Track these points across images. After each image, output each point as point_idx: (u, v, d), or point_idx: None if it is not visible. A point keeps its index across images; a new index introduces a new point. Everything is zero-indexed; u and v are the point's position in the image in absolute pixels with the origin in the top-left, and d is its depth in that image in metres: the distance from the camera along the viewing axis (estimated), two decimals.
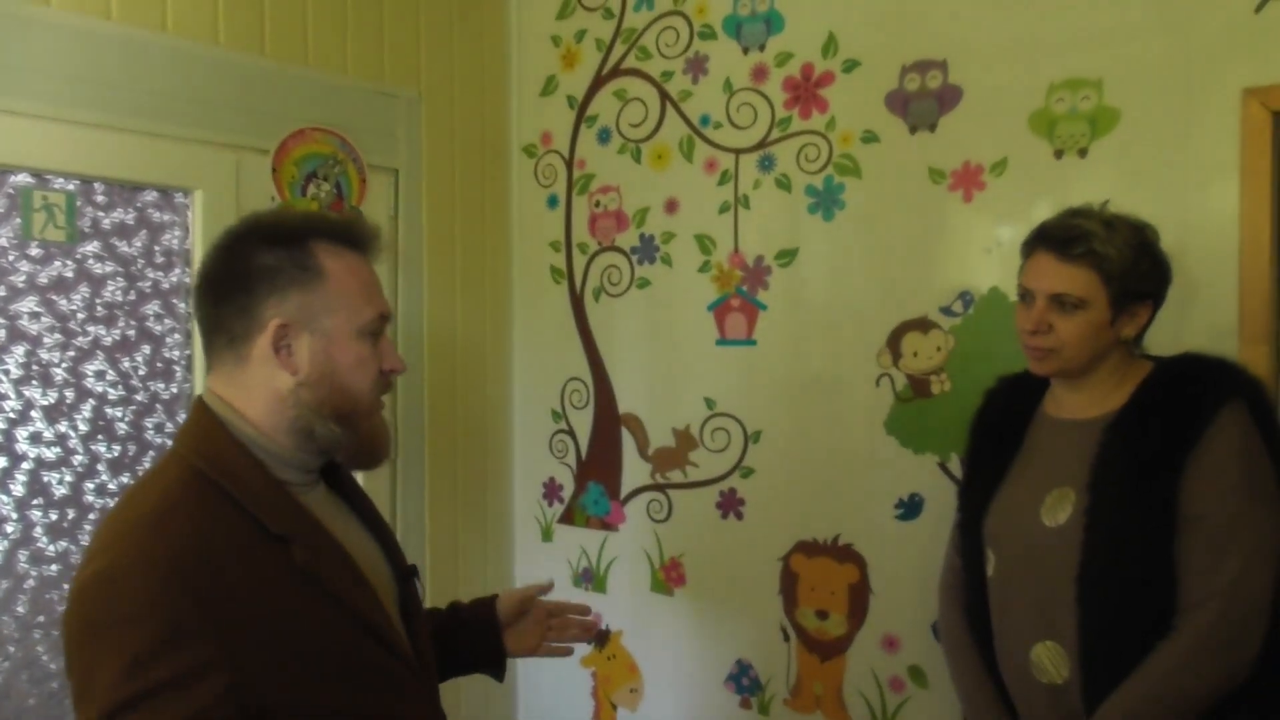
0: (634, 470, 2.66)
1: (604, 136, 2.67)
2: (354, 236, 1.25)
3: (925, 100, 2.18)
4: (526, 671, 2.88)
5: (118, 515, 1.15)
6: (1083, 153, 2.01)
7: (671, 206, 2.56)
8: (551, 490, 2.83)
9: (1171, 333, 1.91)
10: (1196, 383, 1.53)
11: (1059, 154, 2.03)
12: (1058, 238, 1.58)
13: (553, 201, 2.79)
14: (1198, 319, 1.90)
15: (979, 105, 2.12)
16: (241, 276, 1.18)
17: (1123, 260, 1.55)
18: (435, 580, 2.64)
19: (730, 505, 2.49)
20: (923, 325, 2.19)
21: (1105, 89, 1.98)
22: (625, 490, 2.67)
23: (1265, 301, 1.86)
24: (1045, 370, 1.64)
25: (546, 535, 2.83)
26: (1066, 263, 1.56)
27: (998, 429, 1.76)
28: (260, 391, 1.18)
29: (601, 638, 2.73)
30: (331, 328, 1.19)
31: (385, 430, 1.31)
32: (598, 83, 2.69)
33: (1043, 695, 1.59)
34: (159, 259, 2.07)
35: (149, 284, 2.06)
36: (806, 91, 2.33)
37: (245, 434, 1.18)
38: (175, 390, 2.10)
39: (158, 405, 2.07)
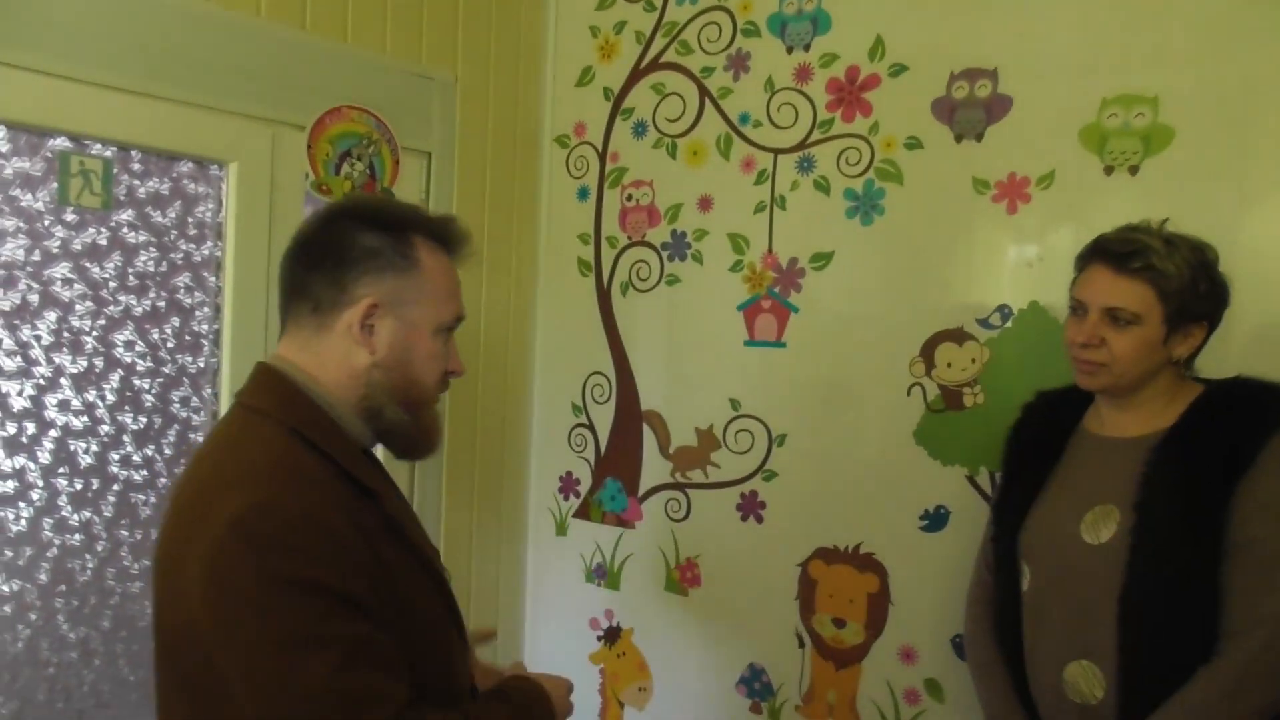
0: (654, 468, 2.64)
1: (640, 130, 2.65)
2: (450, 237, 1.31)
3: (973, 109, 2.16)
4: (534, 666, 2.85)
5: (222, 467, 1.15)
6: (1134, 170, 1.99)
7: (705, 204, 2.53)
8: (568, 484, 2.80)
9: (1218, 355, 1.89)
10: (1249, 407, 1.52)
11: (1109, 170, 2.01)
12: (1116, 251, 1.56)
13: (583, 193, 2.76)
14: (1245, 342, 1.88)
15: (1028, 117, 2.10)
16: (343, 249, 1.22)
17: (1181, 278, 1.53)
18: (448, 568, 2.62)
19: (751, 508, 2.47)
20: (958, 336, 2.17)
21: (1161, 107, 1.96)
22: (644, 488, 2.65)
23: None
24: (1093, 386, 1.62)
25: (561, 529, 2.81)
26: (1123, 276, 1.55)
27: (1035, 443, 1.74)
28: (334, 363, 1.23)
29: (612, 635, 2.71)
30: (416, 318, 1.25)
31: (440, 425, 1.36)
32: (635, 75, 2.66)
33: (1075, 714, 1.57)
34: (192, 231, 2.04)
35: (181, 255, 2.03)
36: (850, 94, 2.31)
37: (322, 399, 1.23)
38: (202, 364, 2.07)
39: (184, 379, 2.04)
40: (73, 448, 1.88)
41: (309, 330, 1.24)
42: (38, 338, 1.83)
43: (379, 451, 1.35)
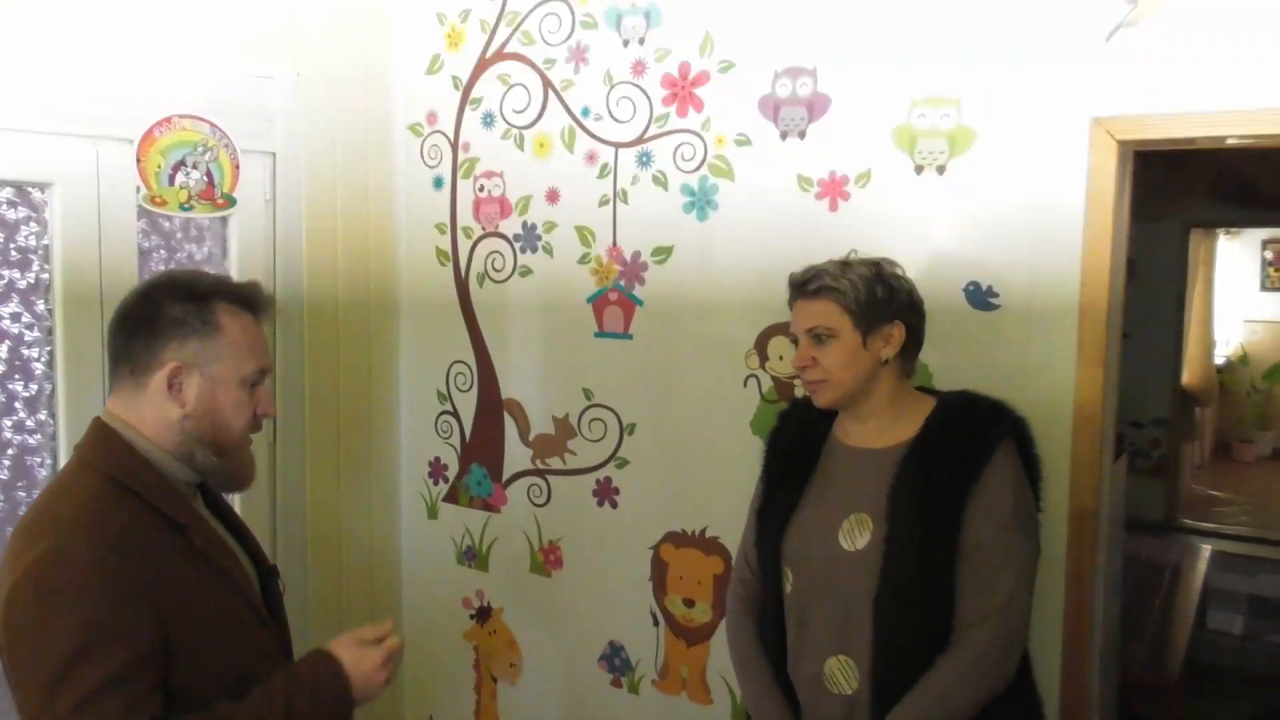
0: (516, 454, 2.70)
1: (488, 120, 2.65)
2: (252, 301, 1.52)
3: (796, 107, 2.20)
4: (411, 643, 2.95)
5: (45, 512, 1.39)
6: (941, 170, 2.05)
7: (553, 196, 2.55)
8: (437, 469, 2.86)
9: (1018, 353, 2.00)
10: (976, 424, 1.69)
11: (919, 170, 2.07)
12: (800, 284, 1.77)
13: (438, 183, 2.77)
14: (1041, 340, 1.98)
15: (846, 115, 2.14)
16: (152, 320, 1.43)
17: (856, 289, 1.71)
18: (318, 559, 2.68)
19: (606, 494, 2.55)
20: (788, 330, 2.24)
21: (964, 108, 2.02)
22: (507, 473, 2.72)
23: (1101, 326, 1.94)
24: (824, 402, 1.76)
25: (432, 513, 2.88)
26: (810, 300, 1.74)
27: (793, 451, 1.87)
28: (152, 417, 1.44)
29: (484, 614, 2.80)
30: (218, 374, 1.46)
31: (251, 461, 1.56)
32: (482, 65, 2.65)
33: (834, 704, 1.72)
34: (14, 256, 2.04)
35: (3, 282, 2.02)
36: (683, 90, 2.33)
37: (143, 448, 1.43)
38: (35, 389, 2.08)
39: (16, 405, 2.05)
40: None
41: (129, 389, 1.44)
42: None
43: None
